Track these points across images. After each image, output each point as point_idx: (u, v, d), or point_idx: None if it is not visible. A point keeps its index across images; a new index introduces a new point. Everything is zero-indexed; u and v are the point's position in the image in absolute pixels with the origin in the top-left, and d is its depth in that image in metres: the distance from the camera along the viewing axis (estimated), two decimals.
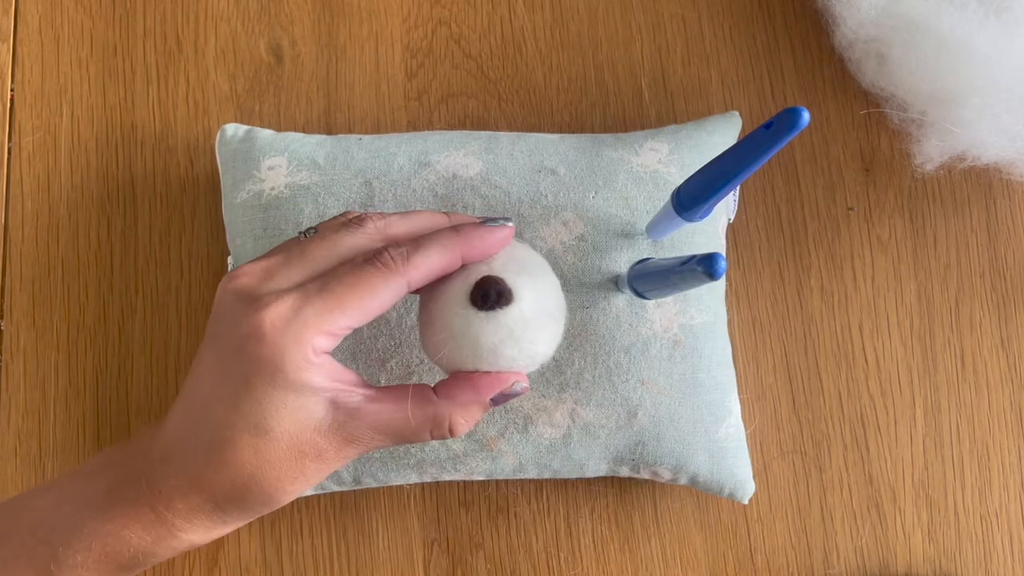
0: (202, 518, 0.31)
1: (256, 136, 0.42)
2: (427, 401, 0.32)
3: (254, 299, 0.30)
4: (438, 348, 0.31)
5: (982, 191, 0.47)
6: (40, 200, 0.45)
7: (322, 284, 0.30)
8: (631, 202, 0.41)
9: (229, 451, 0.30)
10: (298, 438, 0.30)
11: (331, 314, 0.29)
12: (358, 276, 0.30)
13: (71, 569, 0.31)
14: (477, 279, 0.31)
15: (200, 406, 0.31)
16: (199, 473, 0.31)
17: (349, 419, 0.31)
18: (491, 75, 0.47)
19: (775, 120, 0.28)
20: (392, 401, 0.31)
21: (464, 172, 0.41)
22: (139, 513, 0.31)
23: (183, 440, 0.31)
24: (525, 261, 0.33)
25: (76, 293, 0.44)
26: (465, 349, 0.31)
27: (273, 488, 0.31)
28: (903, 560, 0.43)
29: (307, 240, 0.32)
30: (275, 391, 0.29)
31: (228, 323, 0.31)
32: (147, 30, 0.47)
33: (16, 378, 0.43)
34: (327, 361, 0.30)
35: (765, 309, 0.46)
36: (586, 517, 0.43)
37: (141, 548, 0.31)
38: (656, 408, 0.39)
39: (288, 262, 0.31)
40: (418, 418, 0.31)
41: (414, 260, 0.30)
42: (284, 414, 0.30)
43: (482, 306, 0.30)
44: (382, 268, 0.30)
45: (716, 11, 0.49)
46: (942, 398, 0.45)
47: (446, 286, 0.32)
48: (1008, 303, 0.46)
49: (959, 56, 0.41)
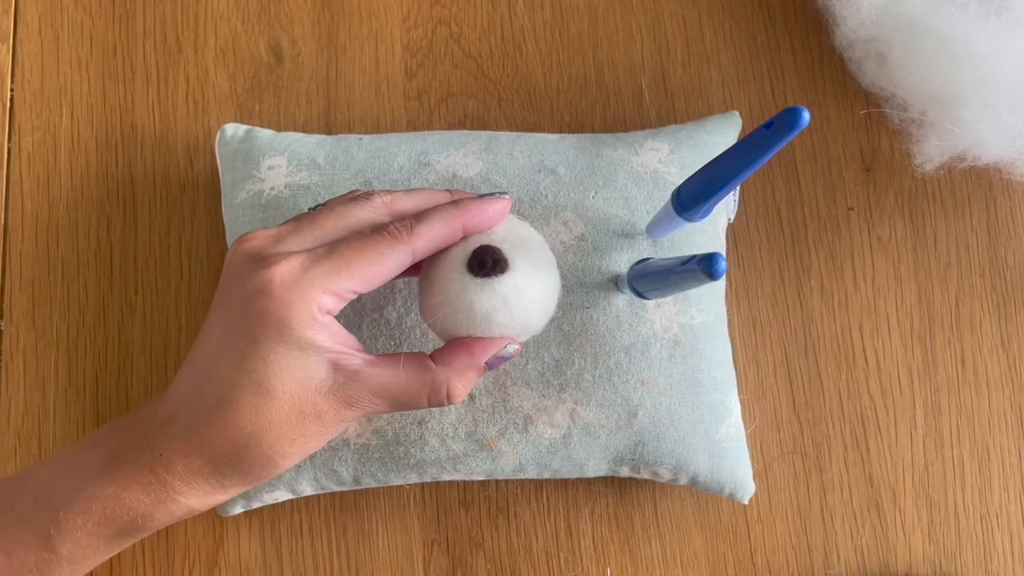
0: (200, 481, 0.32)
1: (256, 136, 0.42)
2: (425, 367, 0.33)
3: (263, 258, 0.31)
4: (433, 311, 0.32)
5: (982, 191, 0.47)
6: (40, 200, 0.45)
7: (331, 248, 0.31)
8: (631, 202, 0.41)
9: (231, 410, 0.31)
10: (299, 398, 0.31)
11: (339, 275, 0.31)
12: (365, 243, 0.31)
13: (71, 533, 0.32)
14: (476, 247, 0.32)
15: (204, 366, 0.32)
16: (200, 433, 0.31)
17: (349, 381, 0.31)
18: (491, 75, 0.47)
19: (775, 120, 0.28)
20: (392, 366, 0.32)
21: (464, 172, 0.41)
22: (139, 476, 0.32)
23: (186, 401, 0.32)
24: (523, 236, 0.34)
25: (76, 293, 0.44)
26: (460, 314, 0.32)
27: (272, 450, 0.31)
28: (903, 560, 0.43)
29: (317, 211, 0.33)
30: (280, 347, 0.30)
31: (236, 281, 0.32)
32: (147, 30, 0.47)
33: (16, 378, 0.43)
34: (331, 322, 0.31)
35: (765, 309, 0.45)
36: (586, 517, 0.43)
37: (140, 511, 0.32)
38: (656, 408, 0.39)
39: (298, 230, 0.33)
40: (416, 383, 0.32)
41: (418, 230, 0.32)
42: (287, 372, 0.30)
43: (478, 272, 0.31)
44: (388, 237, 0.31)
45: (716, 11, 0.48)
46: (942, 398, 0.45)
47: (446, 253, 0.33)
48: (1008, 303, 0.46)
49: (959, 56, 0.41)
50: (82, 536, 0.32)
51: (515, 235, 0.34)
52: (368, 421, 0.39)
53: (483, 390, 0.39)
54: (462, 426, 0.39)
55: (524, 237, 0.34)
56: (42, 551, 0.32)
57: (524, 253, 0.32)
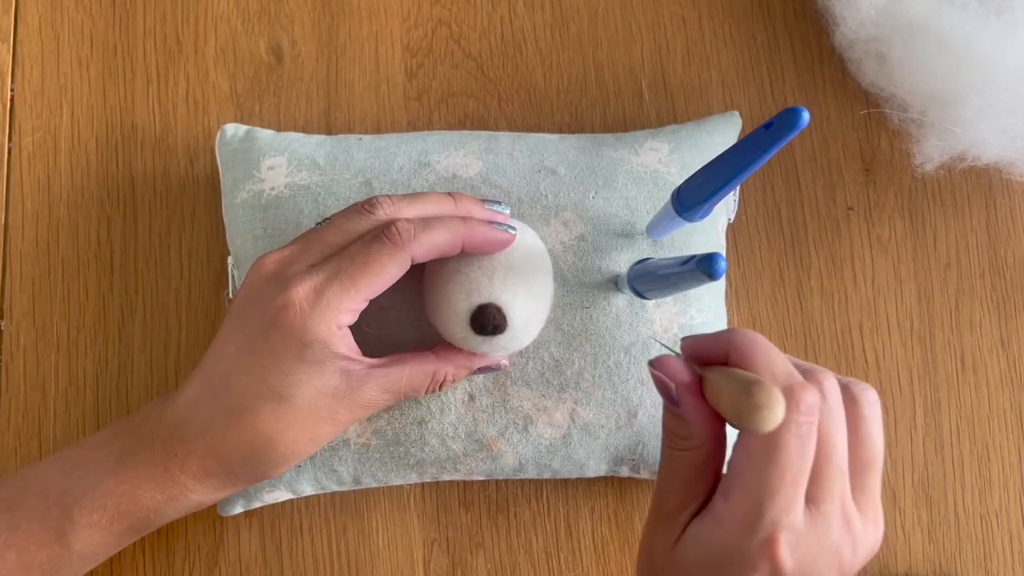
0: (213, 479, 0.34)
1: (256, 136, 0.42)
2: (427, 360, 0.36)
3: (282, 282, 0.33)
4: (436, 325, 0.37)
5: (982, 191, 0.47)
6: (40, 200, 0.45)
7: (337, 266, 0.33)
8: (631, 202, 0.41)
9: (249, 417, 0.33)
10: (316, 403, 0.33)
11: (348, 294, 0.33)
12: (367, 255, 0.33)
13: (85, 528, 0.33)
14: (479, 304, 0.34)
15: (219, 377, 0.34)
16: (218, 437, 0.33)
17: (361, 384, 0.34)
18: (491, 75, 0.47)
19: (775, 120, 0.28)
20: (397, 364, 0.35)
21: (464, 172, 0.41)
22: (153, 474, 0.33)
23: (201, 407, 0.34)
24: (523, 264, 0.36)
25: (76, 293, 0.44)
26: (462, 345, 0.36)
27: (289, 450, 0.33)
28: (903, 560, 0.43)
29: (323, 228, 0.35)
30: (302, 364, 0.32)
31: (255, 302, 0.34)
32: (147, 30, 0.47)
33: (16, 378, 0.43)
34: (346, 334, 0.34)
35: (765, 309, 0.45)
36: (586, 517, 0.43)
37: (153, 507, 0.34)
38: (656, 408, 0.39)
39: (307, 250, 0.35)
40: (419, 377, 0.35)
41: (420, 238, 0.34)
42: (306, 382, 0.33)
43: (479, 333, 0.34)
44: (388, 244, 0.33)
45: (716, 11, 0.48)
46: (942, 398, 0.45)
47: (447, 282, 0.35)
48: (1008, 303, 0.46)
49: (959, 56, 0.41)
50: (96, 532, 0.33)
51: (515, 266, 0.35)
52: (368, 421, 0.39)
53: (483, 390, 0.39)
54: (462, 426, 0.39)
55: (523, 266, 0.36)
56: (55, 547, 0.33)
57: (522, 294, 0.35)
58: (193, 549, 0.42)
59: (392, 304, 0.39)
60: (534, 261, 0.37)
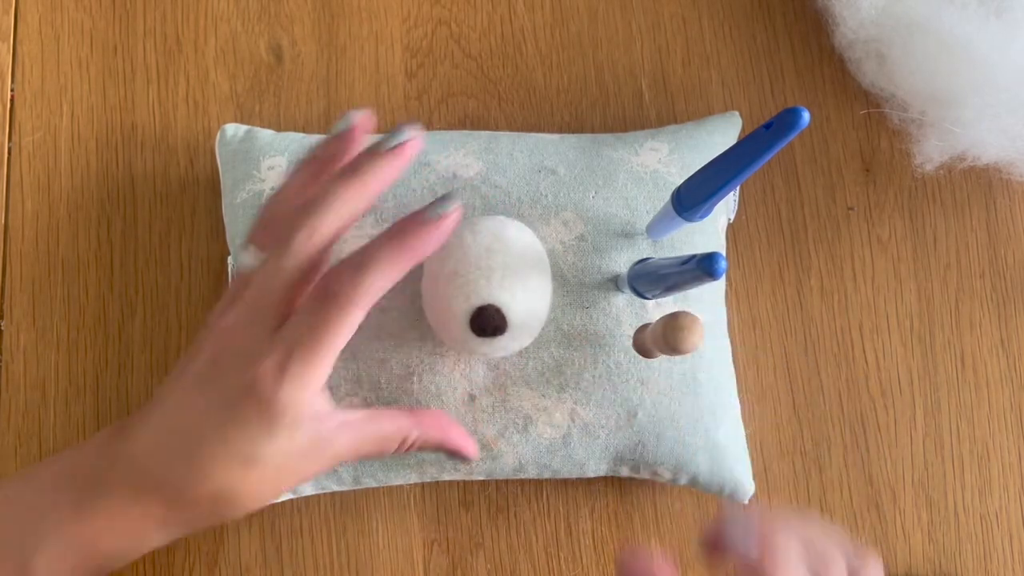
0: (176, 527, 0.34)
1: (256, 136, 0.42)
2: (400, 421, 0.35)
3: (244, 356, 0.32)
4: (435, 327, 0.37)
5: (982, 191, 0.47)
6: (40, 200, 0.45)
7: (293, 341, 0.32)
8: (631, 202, 0.41)
9: (219, 477, 0.32)
10: (284, 462, 0.33)
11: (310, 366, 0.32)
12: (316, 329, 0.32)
13: None
14: (478, 305, 0.34)
15: (184, 429, 0.33)
16: (183, 491, 0.32)
17: (330, 442, 0.33)
18: (491, 75, 0.47)
19: (775, 120, 0.28)
20: (372, 422, 0.35)
21: (464, 172, 0.41)
22: (113, 523, 0.33)
23: (164, 456, 0.33)
24: (521, 265, 0.36)
25: (76, 293, 0.44)
26: (462, 347, 0.36)
27: (253, 502, 0.33)
28: (903, 560, 0.43)
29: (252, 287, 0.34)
30: (272, 433, 0.32)
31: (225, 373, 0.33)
32: (147, 30, 0.47)
33: (16, 378, 0.43)
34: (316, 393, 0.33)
35: (765, 309, 0.46)
36: (586, 517, 0.43)
37: (113, 553, 0.33)
38: (656, 408, 0.39)
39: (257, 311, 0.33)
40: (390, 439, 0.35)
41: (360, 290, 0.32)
42: (275, 447, 0.32)
43: (479, 334, 0.34)
44: (336, 310, 0.32)
45: (716, 11, 0.49)
46: (942, 398, 0.45)
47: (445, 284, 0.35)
48: (1008, 303, 0.46)
49: (959, 56, 0.41)
50: None
51: (512, 267, 0.35)
52: None
53: (483, 390, 0.39)
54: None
55: (520, 267, 0.35)
56: None
57: (521, 293, 0.35)
58: (193, 549, 0.42)
59: (392, 304, 0.39)
60: (532, 261, 0.36)
